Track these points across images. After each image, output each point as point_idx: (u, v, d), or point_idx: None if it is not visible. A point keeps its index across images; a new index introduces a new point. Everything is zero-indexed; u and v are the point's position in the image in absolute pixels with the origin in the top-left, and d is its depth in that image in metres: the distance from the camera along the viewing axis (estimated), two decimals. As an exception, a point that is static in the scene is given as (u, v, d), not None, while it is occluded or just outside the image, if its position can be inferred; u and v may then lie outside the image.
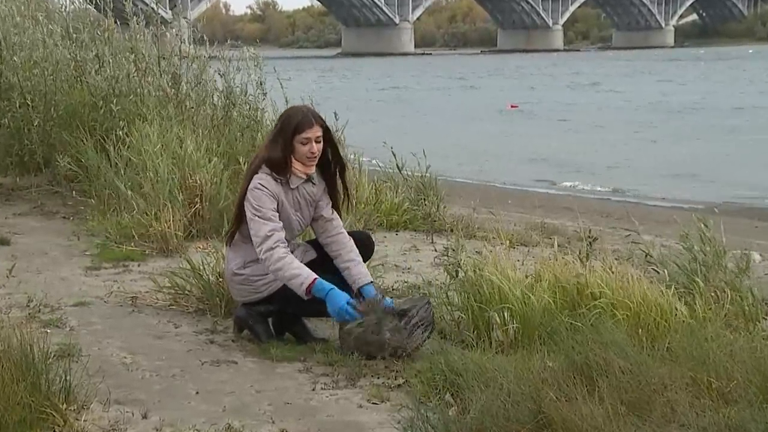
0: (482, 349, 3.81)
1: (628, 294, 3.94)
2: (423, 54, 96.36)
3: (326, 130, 4.14)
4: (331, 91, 31.75)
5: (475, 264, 4.22)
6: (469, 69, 59.52)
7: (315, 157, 4.09)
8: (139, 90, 7.43)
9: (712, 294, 4.11)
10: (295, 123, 4.06)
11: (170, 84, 7.55)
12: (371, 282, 4.12)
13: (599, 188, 13.95)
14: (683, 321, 3.83)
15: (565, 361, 3.42)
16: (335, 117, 6.73)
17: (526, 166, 16.51)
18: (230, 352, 4.10)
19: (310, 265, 4.05)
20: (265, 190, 4.02)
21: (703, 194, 13.06)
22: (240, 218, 4.11)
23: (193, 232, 6.18)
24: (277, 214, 4.03)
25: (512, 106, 29.59)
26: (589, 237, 4.18)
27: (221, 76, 7.49)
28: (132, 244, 5.90)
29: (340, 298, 3.91)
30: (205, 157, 6.43)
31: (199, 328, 4.42)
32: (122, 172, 6.57)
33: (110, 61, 7.58)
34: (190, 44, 8.01)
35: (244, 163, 6.72)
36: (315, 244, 4.29)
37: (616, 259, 4.52)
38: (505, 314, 3.94)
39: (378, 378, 3.77)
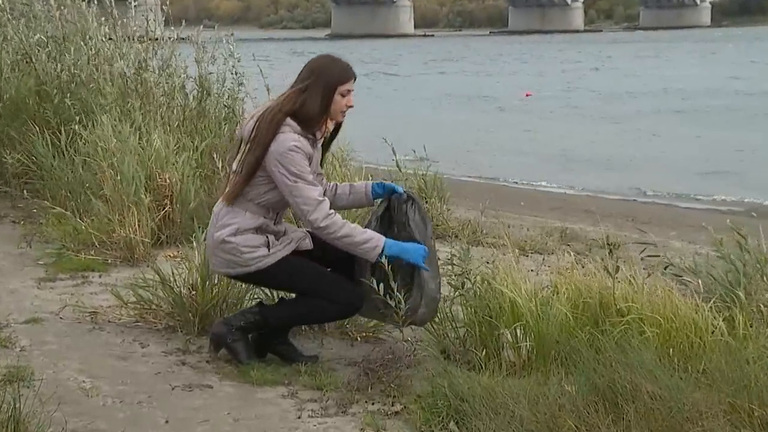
0: (491, 371, 3.81)
1: (658, 309, 3.94)
2: (424, 35, 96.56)
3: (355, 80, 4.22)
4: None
5: (483, 274, 4.22)
6: (478, 52, 59.65)
7: (347, 111, 4.16)
8: (98, 78, 7.43)
9: (754, 309, 4.11)
10: (337, 72, 4.09)
11: (134, 71, 7.55)
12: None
13: (624, 188, 13.95)
14: (721, 340, 3.83)
15: (585, 385, 3.43)
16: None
17: (542, 162, 16.53)
18: (204, 374, 4.10)
19: (306, 255, 4.16)
20: (301, 150, 3.99)
21: (743, 194, 13.07)
22: (250, 177, 4.02)
23: (163, 238, 6.19)
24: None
25: (527, 95, 29.91)
26: (610, 244, 4.18)
27: (196, 62, 7.49)
28: (92, 252, 5.90)
29: (416, 247, 4.05)
30: (175, 154, 6.42)
31: (169, 348, 4.42)
32: (80, 170, 6.56)
33: (65, 44, 7.58)
34: (157, 25, 8.00)
35: (220, 160, 6.74)
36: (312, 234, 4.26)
37: (644, 268, 4.52)
38: (518, 331, 3.94)
39: (373, 404, 3.78)
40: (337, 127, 4.28)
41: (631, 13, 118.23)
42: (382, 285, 3.98)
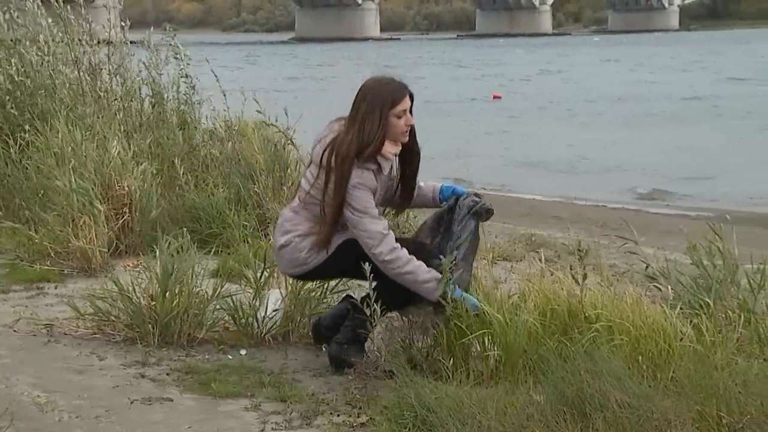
0: (458, 380, 3.82)
1: (627, 316, 3.97)
2: (390, 39, 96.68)
3: (412, 97, 4.22)
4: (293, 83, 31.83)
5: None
6: (447, 55, 60.02)
7: (409, 130, 4.18)
8: (49, 83, 7.37)
9: (723, 315, 4.16)
10: (389, 97, 4.10)
11: (88, 75, 7.50)
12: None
13: (593, 193, 14.06)
14: (690, 346, 3.88)
15: (554, 394, 3.45)
16: (285, 113, 6.76)
17: (510, 167, 16.64)
18: (164, 387, 4.08)
19: None
20: (365, 186, 4.08)
21: (714, 200, 13.24)
22: (336, 220, 4.12)
23: (121, 247, 6.15)
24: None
25: (495, 97, 30.13)
26: (580, 250, 4.21)
27: (147, 68, 7.46)
28: (47, 262, 5.85)
29: (471, 298, 4.10)
30: (133, 161, 6.39)
31: (128, 360, 4.39)
32: (34, 178, 6.51)
33: (15, 47, 7.51)
34: (112, 28, 7.95)
35: (180, 166, 6.72)
36: None
37: (612, 275, 4.56)
38: (486, 340, 3.96)
39: (338, 415, 3.77)
40: (412, 151, 4.29)
41: (600, 16, 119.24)
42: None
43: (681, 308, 4.11)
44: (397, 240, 4.17)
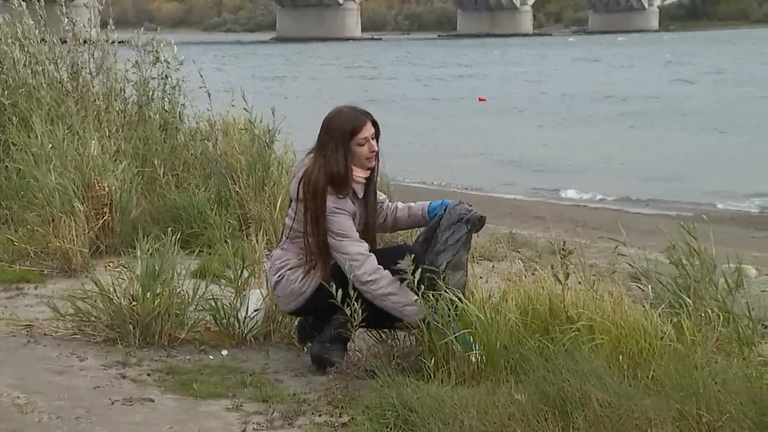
0: (440, 380, 3.83)
1: (608, 315, 3.99)
2: (371, 39, 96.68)
3: (377, 125, 4.29)
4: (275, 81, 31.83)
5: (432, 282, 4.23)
6: (428, 56, 60.19)
7: (375, 156, 4.25)
8: (32, 82, 7.33)
9: (702, 314, 4.18)
10: (348, 127, 4.21)
11: (70, 75, 7.47)
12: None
13: (574, 193, 14.13)
14: (670, 345, 3.90)
15: (535, 394, 3.46)
16: (272, 113, 6.76)
17: (492, 168, 16.67)
18: (145, 388, 4.07)
19: None
20: (343, 212, 4.18)
21: (693, 199, 13.31)
22: (325, 250, 4.19)
23: (102, 247, 6.12)
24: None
25: (480, 99, 30.24)
26: (563, 250, 4.23)
27: (134, 66, 7.43)
28: (27, 262, 5.83)
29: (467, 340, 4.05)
30: (113, 161, 6.36)
31: (109, 361, 4.37)
32: (14, 177, 6.46)
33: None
34: (93, 27, 7.91)
35: (161, 166, 6.70)
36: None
37: (593, 274, 4.58)
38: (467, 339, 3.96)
39: (320, 415, 3.77)
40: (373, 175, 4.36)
41: (580, 16, 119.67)
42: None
43: (661, 308, 4.13)
44: (382, 249, 4.19)
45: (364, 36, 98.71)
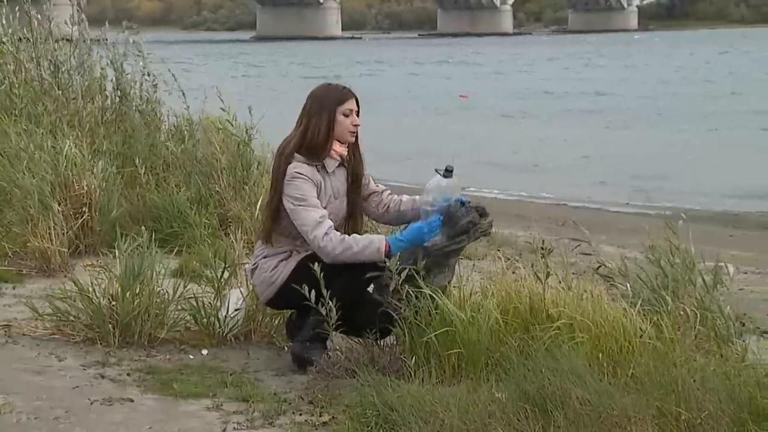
0: (421, 379, 3.83)
1: (588, 314, 4.01)
2: (352, 38, 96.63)
3: (357, 103, 4.36)
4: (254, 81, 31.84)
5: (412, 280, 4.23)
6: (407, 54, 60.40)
7: (356, 130, 4.31)
8: (10, 80, 7.29)
9: (681, 313, 4.21)
10: (335, 95, 4.29)
11: (48, 73, 7.42)
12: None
13: (554, 192, 14.16)
14: (649, 344, 3.92)
15: (515, 392, 3.47)
16: (249, 112, 6.75)
17: (472, 167, 16.67)
18: (125, 388, 4.05)
19: None
20: (304, 176, 4.18)
21: (673, 198, 13.38)
22: (275, 213, 4.26)
23: (81, 247, 6.09)
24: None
25: (462, 96, 30.36)
26: (543, 249, 4.24)
27: (111, 64, 7.40)
28: (5, 262, 5.79)
29: (416, 227, 4.16)
30: (91, 160, 6.32)
31: (88, 361, 4.35)
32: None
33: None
34: (73, 26, 7.87)
35: (141, 165, 6.68)
36: None
37: (573, 273, 4.59)
38: (447, 338, 3.96)
39: (300, 415, 3.77)
40: (357, 151, 4.39)
41: (560, 16, 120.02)
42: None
43: (640, 306, 4.15)
44: None
45: (345, 35, 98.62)
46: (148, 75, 7.36)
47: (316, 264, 4.02)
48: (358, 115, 4.34)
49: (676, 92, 32.10)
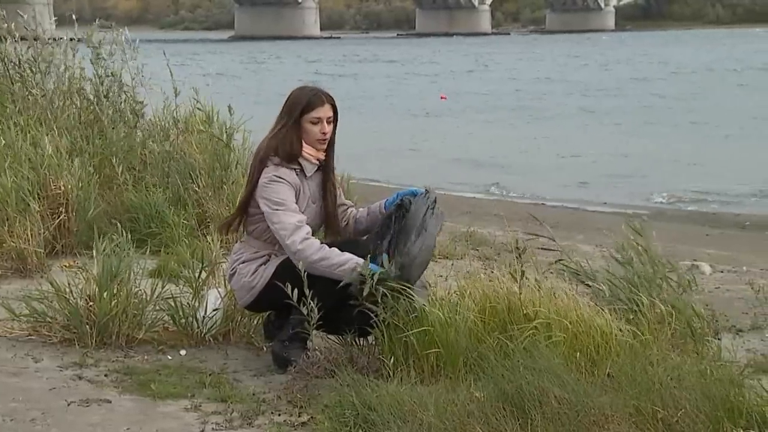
0: (399, 379, 3.84)
1: (565, 313, 4.03)
2: (330, 38, 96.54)
3: (336, 111, 4.33)
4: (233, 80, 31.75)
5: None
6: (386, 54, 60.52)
7: (326, 139, 4.28)
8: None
9: (657, 312, 4.23)
10: (304, 101, 4.26)
11: (25, 73, 7.38)
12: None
13: (533, 192, 14.20)
14: (626, 343, 3.94)
15: (494, 391, 3.48)
16: (230, 111, 6.73)
17: (451, 167, 16.71)
18: (102, 389, 4.03)
19: None
20: (283, 180, 4.18)
21: (649, 197, 13.45)
22: (243, 211, 4.30)
23: (58, 247, 6.05)
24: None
25: (442, 98, 30.45)
26: (518, 248, 4.26)
27: (91, 63, 7.36)
28: (-19, 263, 5.74)
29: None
30: (69, 159, 6.29)
31: (65, 362, 4.33)
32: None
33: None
34: (51, 24, 7.84)
35: (120, 165, 6.64)
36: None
37: (551, 272, 4.61)
38: (425, 338, 3.97)
39: (279, 415, 3.77)
40: (331, 154, 4.38)
41: (538, 16, 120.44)
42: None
43: (616, 306, 4.18)
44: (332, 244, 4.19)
45: (323, 35, 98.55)
46: (118, 76, 7.32)
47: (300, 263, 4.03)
48: (333, 121, 4.30)
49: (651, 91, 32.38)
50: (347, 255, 4.09)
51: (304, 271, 3.99)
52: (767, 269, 7.44)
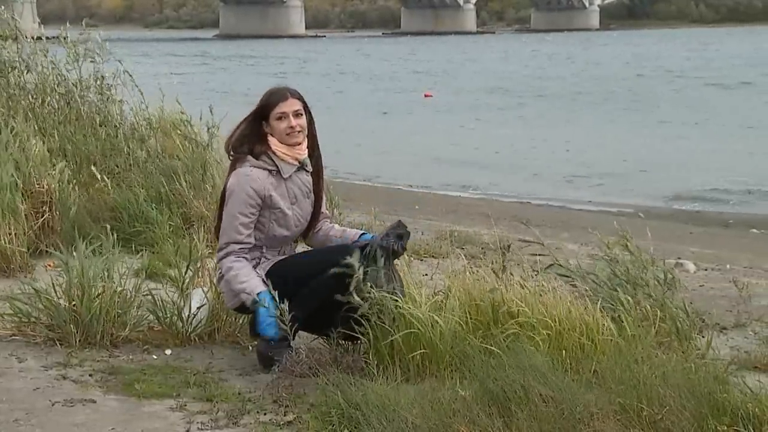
0: (385, 378, 3.84)
1: (549, 311, 4.04)
2: (315, 36, 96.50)
3: (306, 105, 4.35)
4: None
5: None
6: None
7: (296, 132, 4.28)
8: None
9: (642, 310, 4.25)
10: (267, 98, 4.32)
11: (6, 71, 7.36)
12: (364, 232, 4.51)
13: (518, 190, 14.23)
14: (611, 340, 3.95)
15: (478, 390, 3.49)
16: (210, 111, 6.72)
17: (437, 166, 16.73)
18: (87, 389, 4.02)
19: None
20: (249, 191, 4.19)
21: (634, 196, 13.51)
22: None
23: (42, 247, 6.02)
24: (253, 218, 4.21)
25: (427, 95, 30.50)
26: (503, 246, 4.26)
27: (69, 63, 7.34)
28: (-36, 263, 5.71)
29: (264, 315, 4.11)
30: (51, 160, 6.26)
31: (49, 362, 4.31)
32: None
33: None
34: (34, 23, 7.81)
35: (100, 164, 6.62)
36: None
37: (535, 271, 4.62)
38: (411, 337, 3.97)
39: (264, 414, 3.76)
40: (316, 149, 4.41)
41: (523, 15, 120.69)
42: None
43: (601, 304, 4.19)
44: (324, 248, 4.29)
45: (308, 33, 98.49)
46: (102, 77, 7.30)
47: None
48: (303, 116, 4.31)
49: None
50: (254, 282, 4.13)
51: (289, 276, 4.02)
52: (750, 267, 7.50)
